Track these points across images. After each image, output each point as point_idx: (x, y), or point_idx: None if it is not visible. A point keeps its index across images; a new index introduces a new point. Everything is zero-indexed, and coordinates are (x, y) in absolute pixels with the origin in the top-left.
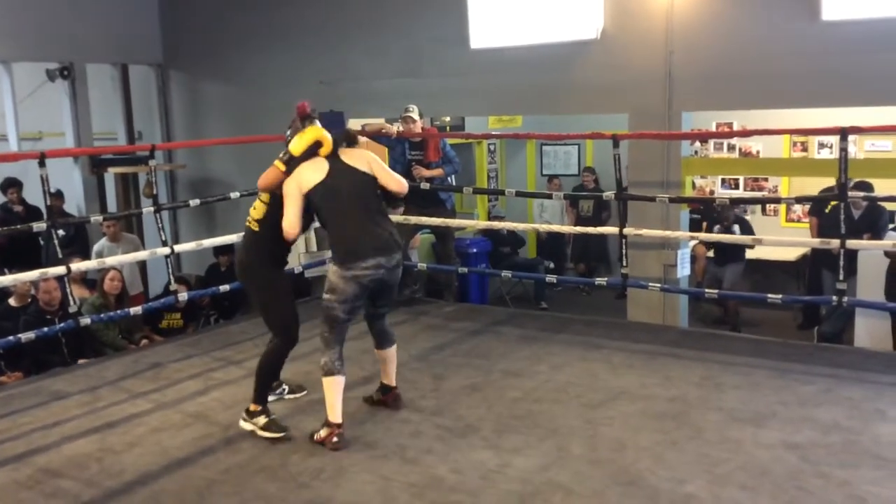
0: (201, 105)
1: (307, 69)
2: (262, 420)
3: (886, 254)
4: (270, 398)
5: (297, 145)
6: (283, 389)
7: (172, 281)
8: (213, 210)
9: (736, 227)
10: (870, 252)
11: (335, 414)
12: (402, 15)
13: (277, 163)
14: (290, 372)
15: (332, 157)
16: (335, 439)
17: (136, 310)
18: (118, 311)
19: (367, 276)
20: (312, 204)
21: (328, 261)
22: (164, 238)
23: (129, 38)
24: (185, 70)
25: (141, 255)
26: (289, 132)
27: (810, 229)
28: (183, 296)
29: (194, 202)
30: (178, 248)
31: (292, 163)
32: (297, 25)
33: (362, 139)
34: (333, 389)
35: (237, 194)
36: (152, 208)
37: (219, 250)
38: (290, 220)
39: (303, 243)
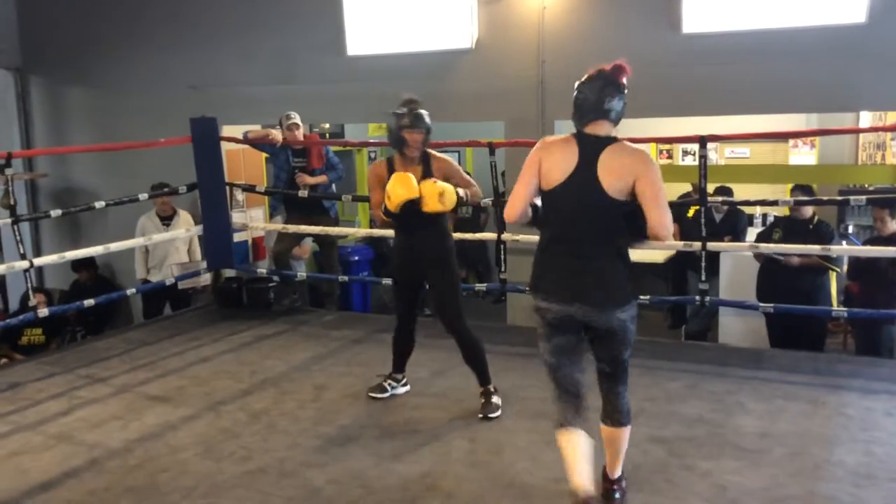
0: (64, 111)
1: (176, 74)
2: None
3: (756, 256)
4: (399, 390)
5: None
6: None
7: (31, 294)
8: (77, 220)
9: None
10: (731, 253)
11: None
12: (275, 20)
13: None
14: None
15: None
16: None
17: None
18: None
19: None
20: None
21: None
22: (22, 251)
23: None
24: (46, 74)
25: None
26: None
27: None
28: (43, 311)
29: (56, 213)
30: (38, 261)
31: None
32: (165, 29)
33: (243, 146)
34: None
35: (102, 203)
36: (10, 220)
37: (79, 265)
38: None
39: (175, 253)
